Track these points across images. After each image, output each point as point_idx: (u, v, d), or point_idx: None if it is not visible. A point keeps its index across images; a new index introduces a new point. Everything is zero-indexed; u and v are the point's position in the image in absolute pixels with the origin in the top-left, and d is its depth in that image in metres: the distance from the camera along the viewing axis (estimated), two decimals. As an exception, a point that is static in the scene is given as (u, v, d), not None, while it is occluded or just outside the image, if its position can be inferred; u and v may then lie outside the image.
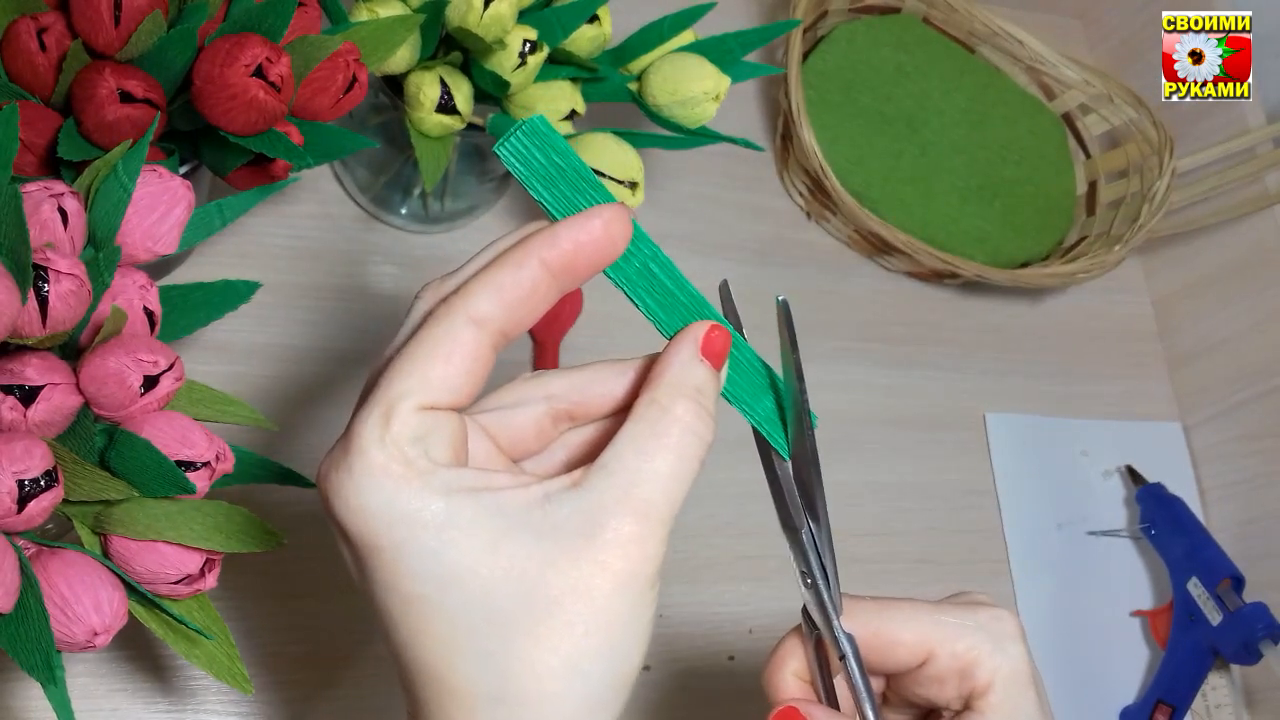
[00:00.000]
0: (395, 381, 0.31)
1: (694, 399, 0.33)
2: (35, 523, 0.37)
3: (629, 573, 0.31)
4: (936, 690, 0.38)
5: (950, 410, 0.77)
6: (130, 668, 0.53)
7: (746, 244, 0.76)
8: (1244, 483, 0.78)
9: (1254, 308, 0.79)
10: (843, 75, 0.81)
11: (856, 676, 0.37)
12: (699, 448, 0.33)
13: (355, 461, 0.30)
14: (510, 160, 0.33)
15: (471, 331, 0.32)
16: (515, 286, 0.32)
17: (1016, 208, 0.82)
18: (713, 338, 0.34)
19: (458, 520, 0.30)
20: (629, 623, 0.31)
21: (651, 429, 0.33)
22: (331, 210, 0.67)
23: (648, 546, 0.31)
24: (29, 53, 0.44)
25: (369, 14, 0.53)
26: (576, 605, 0.31)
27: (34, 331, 0.37)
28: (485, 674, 0.31)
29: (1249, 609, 0.68)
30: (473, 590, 0.30)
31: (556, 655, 0.31)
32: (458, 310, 0.32)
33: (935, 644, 0.38)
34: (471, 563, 0.30)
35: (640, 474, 0.32)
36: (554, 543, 0.31)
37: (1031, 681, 0.38)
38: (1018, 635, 0.38)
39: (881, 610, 0.38)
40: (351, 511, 0.30)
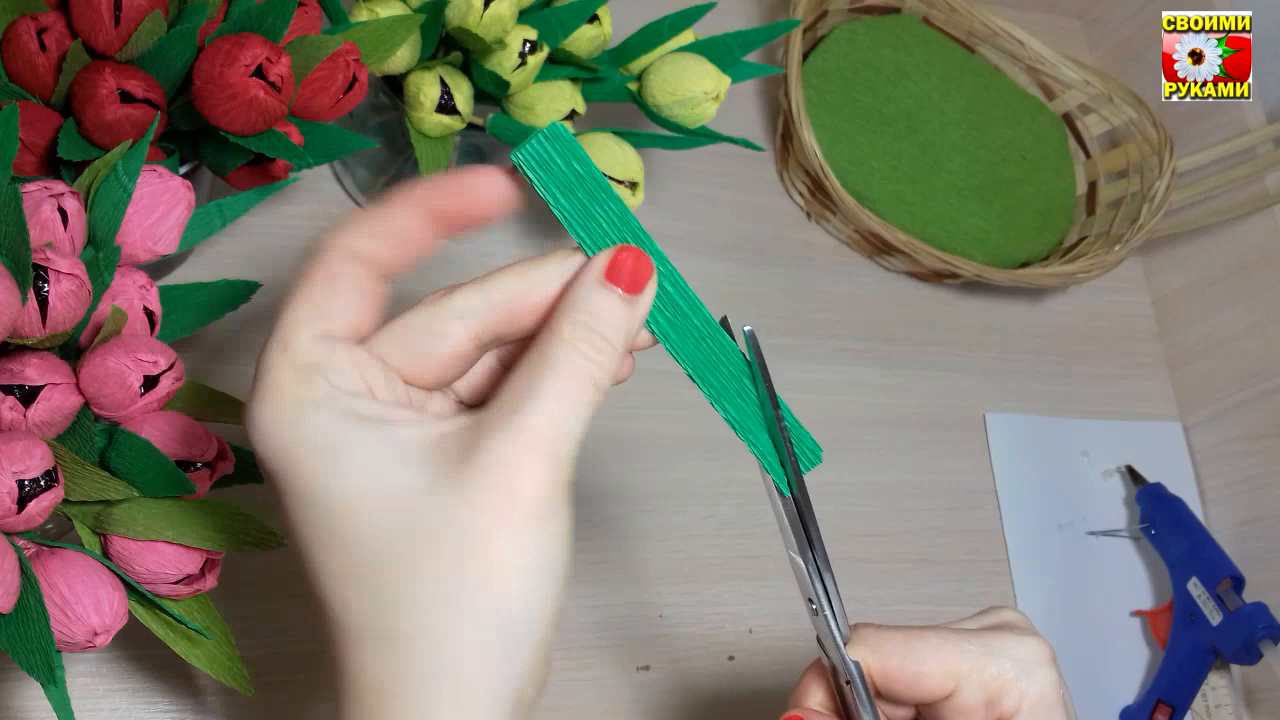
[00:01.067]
0: (290, 311, 0.32)
1: (586, 323, 0.32)
2: (35, 523, 0.37)
3: (507, 503, 0.30)
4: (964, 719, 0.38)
5: (950, 410, 0.77)
6: (130, 668, 0.53)
7: (746, 244, 0.76)
8: (1244, 483, 0.78)
9: (1254, 308, 0.79)
10: (843, 75, 0.81)
11: (863, 699, 0.37)
12: (592, 372, 0.31)
13: (260, 388, 0.31)
14: (529, 165, 0.32)
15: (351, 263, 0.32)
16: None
17: (1016, 208, 0.82)
18: (620, 260, 0.32)
19: (348, 447, 0.30)
20: (514, 558, 0.30)
21: (541, 354, 0.31)
22: (331, 210, 0.67)
23: (529, 475, 0.30)
24: (29, 53, 0.44)
25: (369, 14, 0.53)
26: (454, 536, 0.30)
27: (34, 331, 0.37)
28: (374, 609, 0.30)
29: (1249, 609, 0.68)
30: (362, 521, 0.30)
31: (438, 590, 0.30)
32: (339, 242, 0.32)
33: (962, 675, 0.37)
34: (359, 492, 0.30)
35: (523, 399, 0.31)
36: (436, 472, 0.30)
37: (1060, 705, 0.37)
38: (1046, 660, 0.38)
39: (907, 641, 0.38)
40: (259, 438, 0.31)
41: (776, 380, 0.37)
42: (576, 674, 0.61)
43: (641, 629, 0.63)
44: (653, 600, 0.63)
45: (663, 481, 0.66)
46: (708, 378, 0.35)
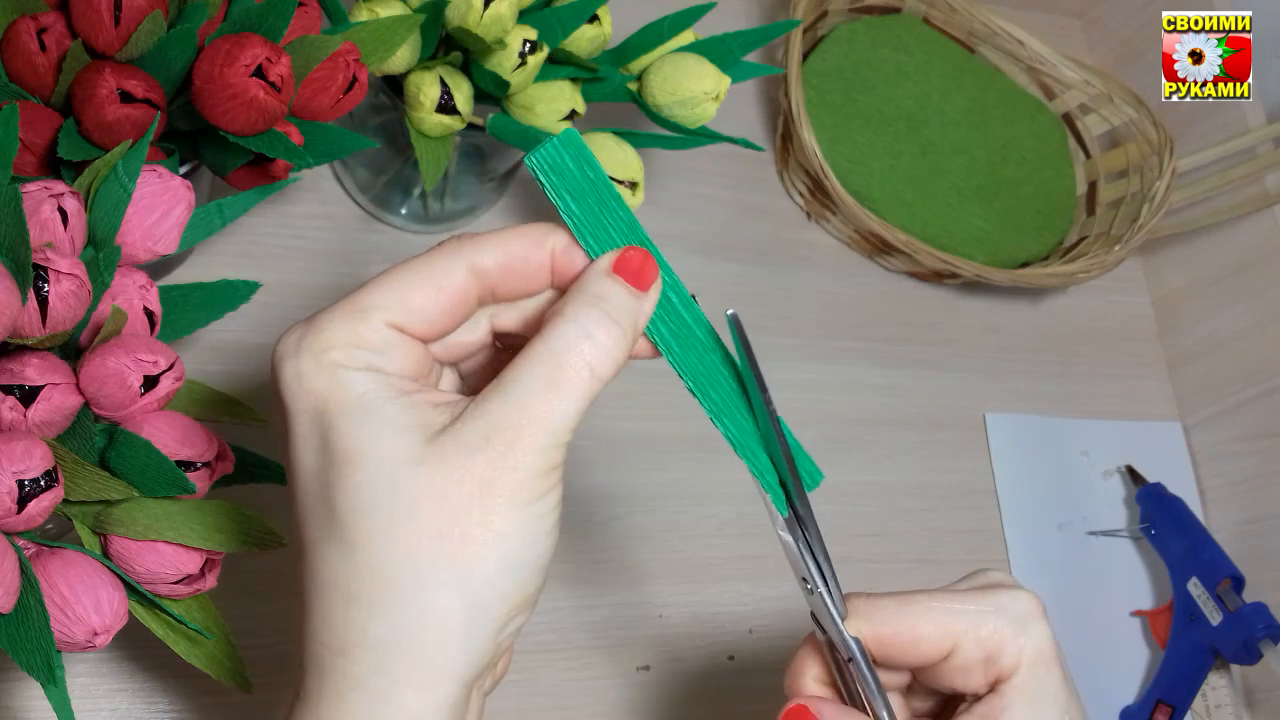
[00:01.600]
0: (376, 291, 0.32)
1: (592, 302, 0.32)
2: (35, 523, 0.37)
3: (488, 482, 0.30)
4: (963, 680, 0.38)
5: (950, 410, 0.77)
6: (130, 668, 0.53)
7: (746, 244, 0.76)
8: (1244, 482, 0.78)
9: (1254, 307, 0.79)
10: (843, 75, 0.81)
11: (866, 677, 0.37)
12: (591, 357, 0.32)
13: (310, 335, 0.32)
14: (542, 168, 0.33)
15: (466, 275, 0.33)
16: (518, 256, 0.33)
17: (1016, 208, 0.82)
18: (627, 257, 0.33)
19: (369, 403, 0.31)
20: (486, 539, 0.30)
21: (542, 337, 0.32)
22: (331, 210, 0.67)
23: (513, 456, 0.30)
24: (29, 53, 0.44)
25: (369, 14, 0.53)
26: (432, 510, 0.30)
27: (34, 331, 0.37)
28: (348, 568, 0.31)
29: (1249, 609, 0.68)
30: (356, 480, 0.31)
31: (411, 559, 0.30)
32: (462, 251, 0.33)
33: (958, 635, 0.37)
34: (359, 453, 0.31)
35: (517, 380, 0.31)
36: (428, 445, 0.31)
37: (1056, 660, 0.38)
38: (1039, 614, 0.38)
39: (900, 607, 0.38)
40: (290, 373, 0.31)
41: (775, 380, 0.37)
42: (576, 674, 0.61)
43: (641, 629, 0.63)
44: (653, 600, 0.63)
45: (663, 481, 0.66)
46: (709, 392, 0.35)
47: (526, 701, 0.59)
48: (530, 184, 0.71)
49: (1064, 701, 0.37)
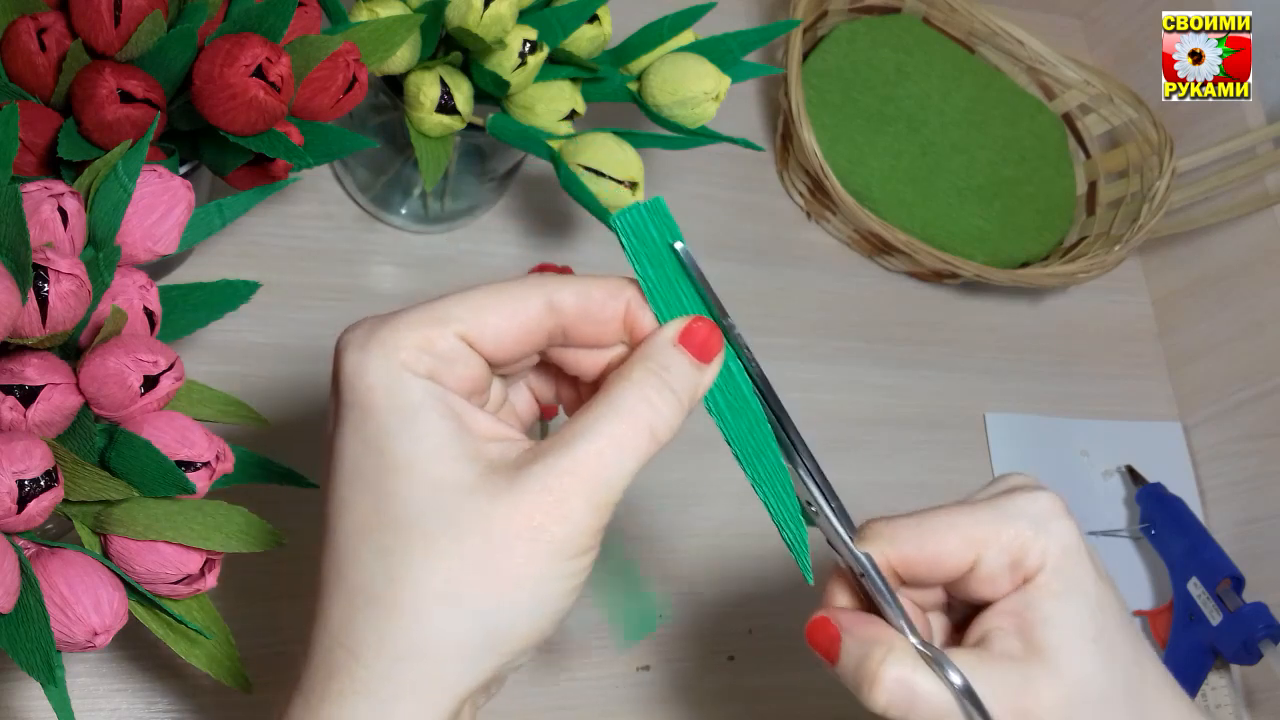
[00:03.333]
0: (456, 305, 0.33)
1: (657, 372, 0.33)
2: (35, 523, 0.37)
3: (537, 529, 0.31)
4: (991, 588, 0.38)
5: (950, 410, 0.77)
6: (130, 668, 0.53)
7: (746, 244, 0.76)
8: (1244, 482, 0.78)
9: (1254, 308, 0.79)
10: (843, 75, 0.81)
11: (879, 587, 0.38)
12: (653, 420, 0.33)
13: (383, 330, 0.32)
14: (625, 230, 0.34)
15: (543, 309, 0.33)
16: (596, 302, 0.34)
17: (1016, 208, 0.82)
18: (694, 329, 0.34)
19: (427, 418, 0.32)
20: (525, 579, 0.31)
21: (606, 396, 0.33)
22: (331, 210, 0.67)
23: (565, 510, 0.31)
24: (29, 53, 0.44)
25: (369, 14, 0.53)
26: (476, 540, 0.31)
27: (34, 331, 0.37)
28: (378, 572, 0.31)
29: (1249, 609, 0.68)
30: (406, 488, 0.31)
31: (439, 576, 0.31)
32: (544, 286, 0.34)
33: (979, 544, 0.37)
34: (417, 457, 0.31)
35: (579, 436, 0.32)
36: (484, 478, 0.31)
37: (1085, 554, 0.38)
38: (1060, 511, 0.38)
39: (920, 525, 0.38)
40: (353, 364, 0.32)
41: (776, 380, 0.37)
42: (576, 674, 0.61)
43: (641, 629, 0.63)
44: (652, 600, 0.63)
45: (663, 481, 0.66)
46: (754, 463, 0.36)
47: (527, 701, 0.59)
48: (530, 184, 0.71)
49: (1095, 595, 0.37)
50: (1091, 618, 0.37)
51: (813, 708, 0.64)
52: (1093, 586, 0.37)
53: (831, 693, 0.65)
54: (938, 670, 0.36)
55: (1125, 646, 0.38)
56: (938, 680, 0.36)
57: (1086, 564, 0.38)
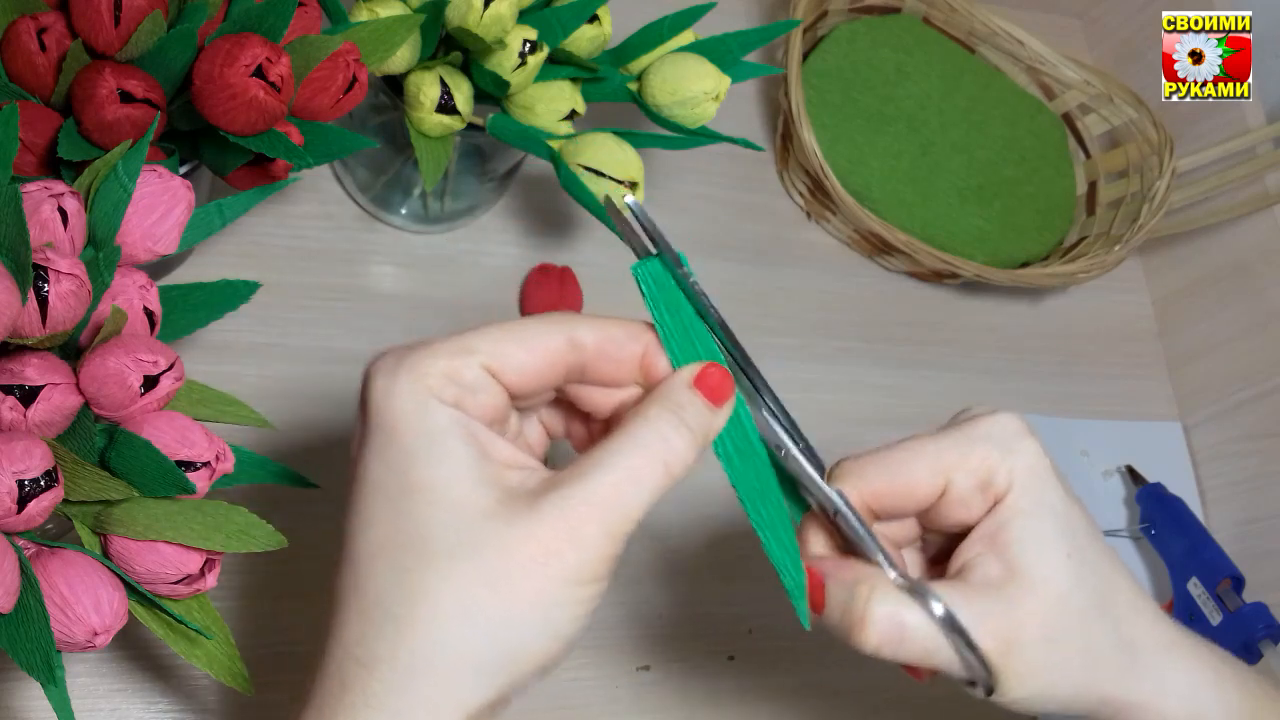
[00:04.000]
0: (481, 337, 0.34)
1: (674, 411, 0.35)
2: (35, 523, 0.37)
3: (552, 555, 0.32)
4: (964, 512, 0.38)
5: (950, 410, 0.76)
6: (130, 668, 0.53)
7: (746, 244, 0.76)
8: (1244, 482, 0.78)
9: (1254, 308, 0.79)
10: (843, 75, 0.81)
11: (853, 524, 0.38)
12: (667, 455, 0.34)
13: (411, 358, 0.34)
14: (645, 279, 0.36)
15: (565, 345, 0.35)
16: (616, 342, 0.36)
17: (1016, 208, 0.82)
18: (708, 373, 0.36)
19: (450, 444, 0.33)
20: (537, 603, 0.32)
21: (623, 430, 0.34)
22: (331, 210, 0.67)
23: (579, 538, 0.32)
24: (29, 53, 0.44)
25: (369, 14, 0.53)
26: (492, 562, 0.32)
27: (34, 331, 0.37)
28: (394, 589, 0.32)
29: (1249, 609, 0.68)
30: (428, 505, 0.32)
31: (455, 595, 0.32)
32: (567, 323, 0.35)
33: (947, 470, 0.38)
34: (439, 481, 0.32)
35: (596, 466, 0.33)
36: (502, 503, 0.33)
37: (1051, 472, 0.38)
38: (1025, 431, 0.39)
39: (886, 459, 0.39)
40: (381, 389, 0.33)
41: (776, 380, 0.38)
42: (576, 674, 0.61)
43: (641, 629, 0.63)
44: (653, 600, 0.63)
45: (663, 481, 0.66)
46: (759, 507, 0.37)
47: (527, 701, 0.59)
48: (530, 184, 0.71)
49: (1063, 514, 0.38)
50: (1061, 533, 0.38)
51: (813, 708, 0.64)
52: (1061, 503, 0.38)
53: (831, 693, 0.66)
54: (921, 602, 0.36)
55: (1098, 560, 0.38)
56: (924, 613, 0.36)
57: (1053, 483, 0.38)
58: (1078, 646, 0.37)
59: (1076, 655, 0.37)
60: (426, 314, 0.66)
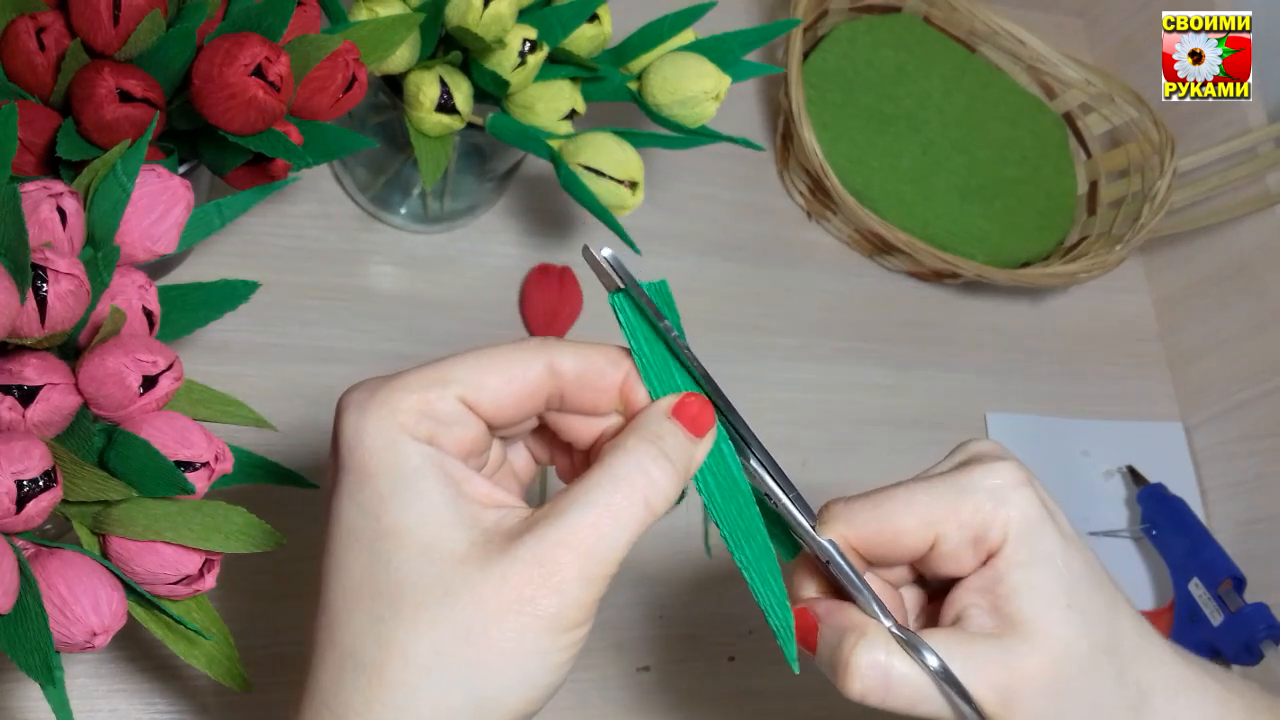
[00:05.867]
0: (456, 367, 0.33)
1: (652, 442, 0.34)
2: (34, 523, 0.37)
3: (527, 600, 0.31)
4: (955, 565, 0.37)
5: (950, 410, 0.77)
6: (130, 668, 0.53)
7: (746, 244, 0.76)
8: (1245, 483, 0.78)
9: (1255, 307, 0.79)
10: (843, 75, 0.80)
11: (845, 572, 0.37)
12: (648, 490, 0.33)
13: (383, 392, 0.32)
14: (623, 309, 0.35)
15: (543, 373, 0.34)
16: (595, 369, 0.34)
17: (1017, 207, 0.82)
18: (687, 402, 0.35)
19: (423, 484, 0.32)
20: (514, 653, 0.31)
21: (601, 466, 0.33)
22: (331, 210, 0.67)
23: (556, 582, 0.31)
24: (28, 52, 0.44)
25: (368, 13, 0.53)
26: (466, 608, 0.31)
27: (33, 331, 0.37)
28: (368, 636, 0.31)
29: (1250, 609, 0.68)
30: (401, 551, 0.31)
31: (428, 646, 0.31)
32: (545, 350, 0.34)
33: (938, 523, 0.37)
34: (411, 525, 0.31)
35: (573, 505, 0.32)
36: (476, 546, 0.31)
37: (1048, 520, 0.37)
38: (1020, 482, 0.37)
39: (878, 506, 0.38)
40: (351, 427, 0.32)
41: (776, 380, 0.37)
42: (576, 674, 0.60)
43: (641, 629, 0.63)
44: (653, 600, 0.63)
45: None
46: (742, 545, 0.36)
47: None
48: (530, 184, 0.71)
49: (1062, 562, 0.37)
50: (1061, 583, 0.36)
51: (813, 708, 0.64)
52: (1059, 552, 0.37)
53: (830, 693, 0.65)
54: (913, 653, 0.36)
55: (1099, 606, 0.37)
56: (914, 663, 0.36)
57: (1050, 531, 0.37)
58: (1082, 697, 0.36)
59: (1081, 705, 0.36)
60: (426, 314, 0.66)
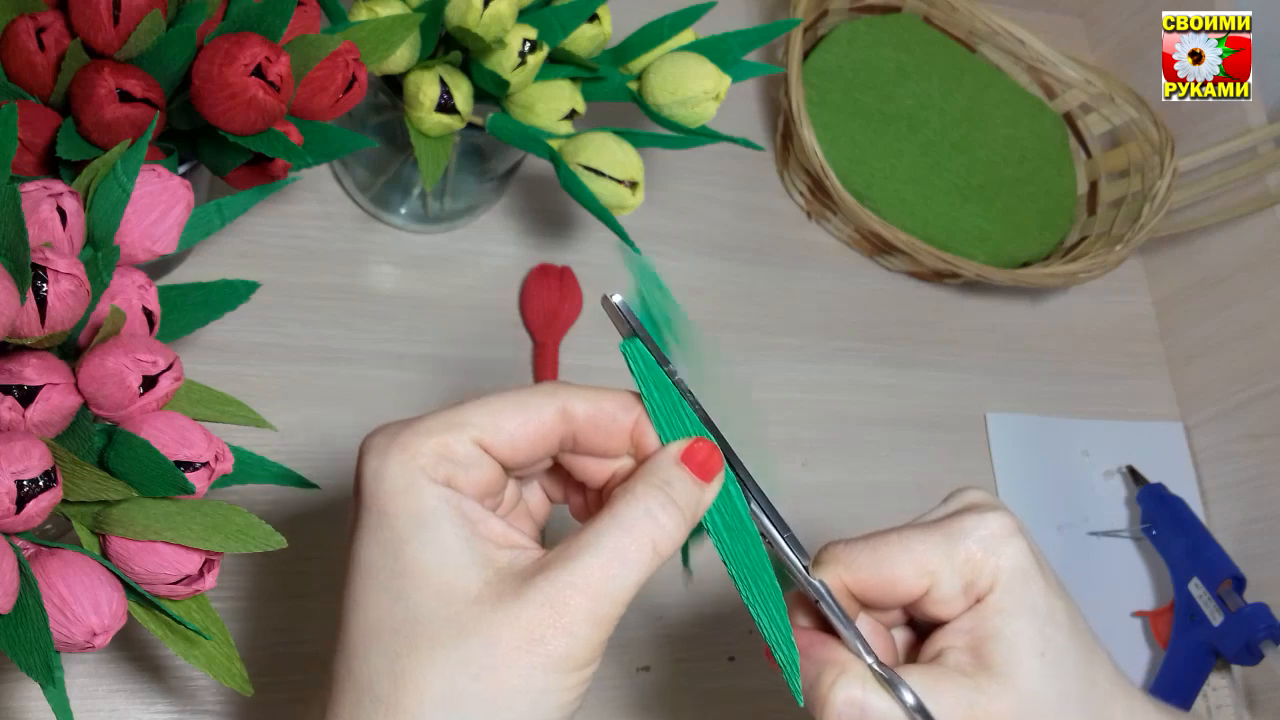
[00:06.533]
0: (472, 411, 0.35)
1: (660, 486, 0.35)
2: (34, 523, 0.37)
3: (537, 641, 0.32)
4: (947, 610, 0.39)
5: (950, 410, 0.77)
6: (129, 668, 0.53)
7: (746, 244, 0.76)
8: (1245, 483, 0.78)
9: (1255, 307, 0.79)
10: (843, 75, 0.80)
11: (835, 611, 0.38)
12: (656, 535, 0.34)
13: (403, 436, 0.34)
14: (634, 356, 0.36)
15: (557, 416, 0.35)
16: (607, 414, 0.36)
17: (1017, 207, 0.82)
18: (695, 448, 0.36)
19: (440, 525, 0.33)
20: (524, 690, 0.32)
21: (611, 511, 0.34)
22: (331, 210, 0.67)
23: (566, 624, 0.32)
24: (28, 52, 0.44)
25: (368, 13, 0.53)
26: (479, 647, 0.32)
27: (33, 331, 0.37)
28: (384, 673, 0.32)
29: (1250, 609, 0.68)
30: (418, 590, 0.33)
31: (442, 682, 0.32)
32: (558, 394, 0.35)
33: (933, 569, 0.38)
34: (426, 570, 0.33)
35: (584, 549, 0.33)
36: (490, 587, 0.33)
37: (1036, 571, 0.38)
38: (1011, 532, 0.39)
39: (874, 549, 0.39)
40: (372, 470, 0.34)
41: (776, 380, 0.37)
42: (576, 674, 0.60)
43: (641, 629, 0.63)
44: (653, 600, 0.63)
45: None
46: (750, 583, 0.37)
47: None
48: (530, 184, 0.71)
49: (1045, 611, 0.38)
50: (1040, 633, 0.38)
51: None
52: (1043, 602, 0.38)
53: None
54: (890, 690, 0.37)
55: (1074, 657, 0.38)
56: (891, 700, 0.37)
57: (1037, 581, 0.38)
58: None
59: None
60: (426, 314, 0.66)
